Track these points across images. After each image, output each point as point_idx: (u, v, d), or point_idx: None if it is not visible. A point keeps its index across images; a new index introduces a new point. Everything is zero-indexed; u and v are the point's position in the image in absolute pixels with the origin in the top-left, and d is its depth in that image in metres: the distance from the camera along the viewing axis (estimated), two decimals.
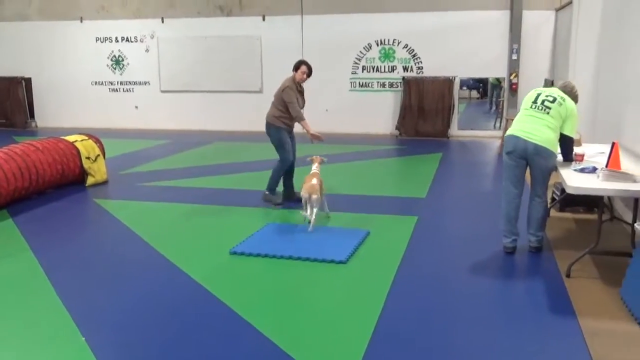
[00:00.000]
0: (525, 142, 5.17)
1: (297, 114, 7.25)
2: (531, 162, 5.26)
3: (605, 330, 3.96)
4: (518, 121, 5.36)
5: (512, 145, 5.27)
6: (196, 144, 12.83)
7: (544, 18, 12.91)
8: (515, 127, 5.31)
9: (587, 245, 5.09)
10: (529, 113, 5.28)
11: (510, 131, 5.35)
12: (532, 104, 5.30)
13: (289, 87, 7.27)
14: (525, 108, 5.34)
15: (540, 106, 5.23)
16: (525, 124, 5.24)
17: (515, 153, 5.26)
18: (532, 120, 5.22)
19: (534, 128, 5.18)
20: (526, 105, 5.36)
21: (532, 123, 5.21)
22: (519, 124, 5.30)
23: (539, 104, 5.25)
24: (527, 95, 5.47)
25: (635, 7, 6.31)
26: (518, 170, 5.33)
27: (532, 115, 5.24)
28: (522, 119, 5.31)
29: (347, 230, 6.20)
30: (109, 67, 15.79)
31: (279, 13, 14.39)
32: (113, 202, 7.78)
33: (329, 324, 4.13)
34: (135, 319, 4.21)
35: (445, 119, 13.72)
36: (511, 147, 5.27)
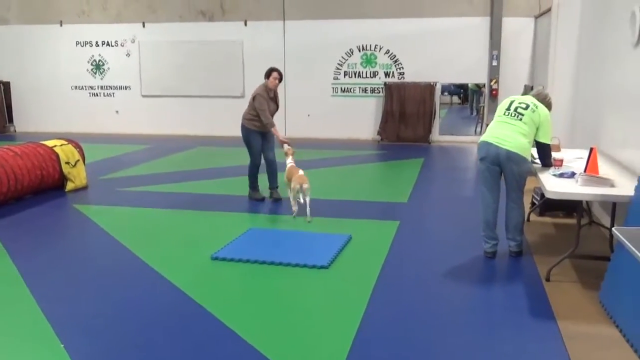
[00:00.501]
0: (497, 148, 5.21)
1: (267, 121, 7.51)
2: (504, 168, 5.30)
3: (584, 333, 4.00)
4: (491, 128, 5.42)
5: (484, 151, 5.32)
6: (177, 149, 12.76)
7: (523, 25, 13.07)
8: (488, 134, 5.37)
9: (566, 249, 5.14)
10: (501, 120, 5.33)
11: (482, 138, 5.41)
12: (505, 110, 5.35)
13: (260, 95, 7.59)
14: (499, 115, 5.40)
15: (514, 113, 5.28)
16: (497, 130, 5.30)
17: (488, 159, 5.32)
18: (504, 126, 5.27)
19: (506, 134, 5.22)
20: (500, 113, 5.41)
21: (505, 129, 5.26)
22: (492, 131, 5.36)
23: (512, 110, 5.31)
24: (502, 103, 5.53)
25: (612, 16, 6.41)
26: (491, 176, 5.39)
27: (504, 122, 5.29)
28: (495, 126, 5.37)
29: (329, 235, 6.20)
30: (89, 72, 15.67)
31: (261, 18, 14.40)
32: (93, 207, 7.70)
33: (311, 329, 4.12)
34: (115, 326, 4.17)
35: (426, 125, 13.80)
36: (484, 153, 5.33)
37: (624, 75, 5.86)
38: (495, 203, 5.46)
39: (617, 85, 6.11)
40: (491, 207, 5.45)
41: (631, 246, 2.88)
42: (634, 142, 5.41)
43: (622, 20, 5.81)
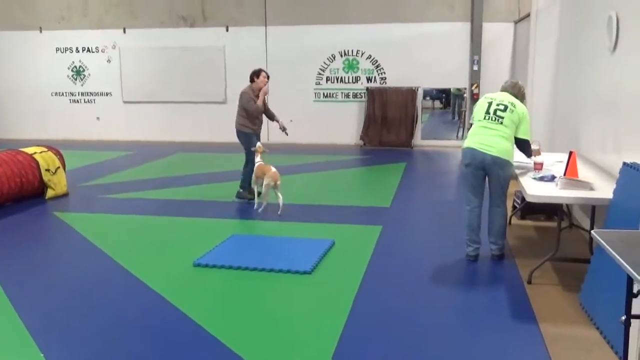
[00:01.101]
0: (483, 154, 5.27)
1: (255, 108, 7.80)
2: (489, 172, 5.36)
3: (565, 335, 4.04)
4: (474, 134, 5.42)
5: (469, 157, 5.36)
6: (159, 155, 12.69)
7: (503, 30, 13.19)
8: (472, 140, 5.39)
9: (547, 252, 5.19)
10: (483, 125, 5.36)
11: (466, 144, 5.43)
12: (485, 114, 5.37)
13: (244, 92, 7.98)
14: (479, 119, 5.41)
15: (494, 116, 5.33)
16: (480, 137, 5.33)
17: (473, 165, 5.36)
18: (486, 132, 5.32)
19: (490, 140, 5.28)
20: (479, 116, 5.42)
21: (487, 135, 5.31)
22: (475, 137, 5.38)
23: (491, 114, 5.34)
24: (479, 104, 5.54)
25: (589, 21, 6.49)
26: (476, 181, 5.43)
27: (486, 127, 5.33)
28: (477, 131, 5.39)
29: (311, 240, 6.20)
30: (70, 78, 15.54)
31: (242, 24, 14.39)
32: (73, 214, 7.63)
33: (294, 334, 4.11)
34: (97, 334, 4.12)
35: (408, 129, 13.86)
36: (469, 159, 5.36)
37: (602, 79, 5.93)
38: (479, 207, 5.51)
39: (595, 90, 6.19)
40: (475, 211, 5.50)
41: (610, 248, 2.91)
42: (611, 145, 5.48)
43: (600, 25, 5.89)
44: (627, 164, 4.28)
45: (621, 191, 4.28)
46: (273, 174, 7.28)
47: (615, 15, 5.40)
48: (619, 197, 4.30)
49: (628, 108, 5.06)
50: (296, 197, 8.56)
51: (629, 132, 4.99)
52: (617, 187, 4.37)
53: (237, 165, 11.33)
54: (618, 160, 4.70)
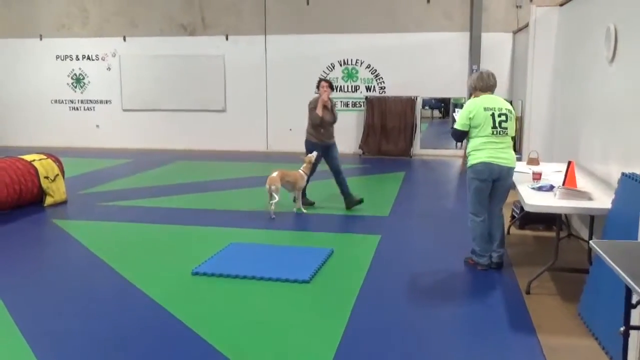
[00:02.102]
0: (500, 167, 5.34)
1: (314, 116, 7.90)
2: (501, 182, 5.42)
3: (564, 346, 4.03)
4: (484, 148, 5.35)
5: (488, 172, 5.35)
6: (158, 163, 12.69)
7: (502, 40, 13.24)
8: (485, 154, 5.34)
9: (546, 262, 5.19)
10: (493, 140, 5.33)
11: (482, 159, 5.34)
12: (492, 129, 5.33)
13: (310, 101, 8.09)
14: (487, 134, 5.34)
15: (500, 130, 5.35)
16: (493, 151, 5.34)
17: (489, 179, 5.38)
18: (497, 145, 5.34)
19: (504, 152, 5.37)
20: (486, 131, 5.34)
21: (499, 148, 5.35)
22: (488, 151, 5.34)
23: (498, 128, 5.33)
24: (481, 115, 5.35)
25: (588, 32, 6.53)
26: (487, 192, 5.48)
27: (496, 141, 5.34)
28: (489, 146, 5.34)
29: (310, 249, 6.19)
30: (70, 86, 15.57)
31: (242, 33, 14.44)
32: (72, 222, 7.62)
33: (292, 343, 4.10)
34: (94, 342, 4.11)
35: (407, 138, 13.88)
36: (487, 174, 5.36)
37: (600, 90, 5.96)
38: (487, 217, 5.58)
39: (593, 100, 6.21)
40: (486, 222, 5.55)
41: (608, 259, 2.91)
42: (610, 155, 5.50)
43: (598, 36, 5.91)
44: (625, 174, 4.29)
45: (620, 201, 4.29)
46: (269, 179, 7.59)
47: (613, 26, 5.43)
48: (617, 208, 4.30)
49: (626, 118, 5.08)
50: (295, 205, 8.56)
51: (628, 143, 5.00)
52: (616, 198, 4.37)
53: (236, 173, 11.37)
54: (617, 171, 4.72)
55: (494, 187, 5.45)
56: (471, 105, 5.43)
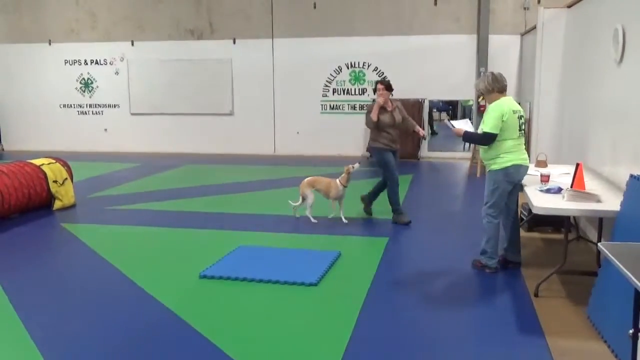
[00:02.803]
0: (525, 167, 5.44)
1: (368, 120, 7.48)
2: (519, 184, 5.51)
3: (573, 349, 4.01)
4: (514, 151, 5.36)
5: (518, 175, 5.40)
6: (166, 166, 12.74)
7: (509, 42, 13.21)
8: (517, 157, 5.36)
9: (555, 264, 5.17)
10: (518, 142, 5.40)
11: (514, 161, 5.34)
12: (519, 132, 5.39)
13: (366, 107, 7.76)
14: (515, 137, 5.36)
15: (522, 132, 5.44)
16: (520, 153, 5.40)
17: (516, 180, 5.43)
18: (521, 147, 5.45)
19: (524, 154, 5.47)
20: (514, 135, 5.34)
21: (523, 149, 5.46)
22: (519, 154, 5.38)
23: (521, 130, 5.41)
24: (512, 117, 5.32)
25: (595, 33, 6.50)
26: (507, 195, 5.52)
27: (519, 143, 5.42)
28: (518, 149, 5.39)
29: (317, 252, 6.19)
30: (78, 90, 15.66)
31: (249, 36, 14.48)
32: (81, 226, 7.66)
33: (300, 346, 4.10)
34: (103, 346, 4.12)
35: (415, 141, 13.85)
36: (518, 176, 5.41)
37: (609, 91, 5.93)
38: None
39: (602, 102, 6.19)
40: (501, 224, 5.58)
41: (617, 261, 2.90)
42: (619, 157, 5.47)
43: (606, 38, 5.89)
44: (634, 176, 4.27)
45: (628, 203, 4.26)
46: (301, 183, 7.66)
47: (621, 27, 5.41)
48: (626, 210, 4.28)
49: (635, 120, 5.05)
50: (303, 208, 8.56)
51: (636, 144, 4.97)
52: (625, 200, 4.35)
53: (243, 177, 11.40)
54: (625, 172, 4.69)
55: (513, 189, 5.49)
56: (502, 107, 5.33)
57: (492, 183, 5.45)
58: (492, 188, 5.46)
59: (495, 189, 5.44)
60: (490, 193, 5.48)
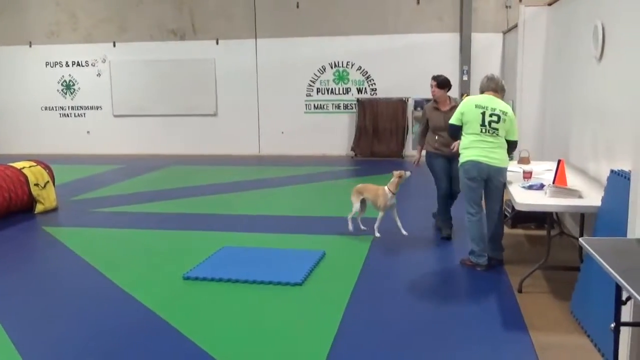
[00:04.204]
0: (488, 166, 5.36)
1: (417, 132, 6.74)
2: (491, 181, 5.45)
3: (556, 344, 4.03)
4: (472, 147, 5.40)
5: (476, 171, 5.38)
6: (150, 168, 12.65)
7: (492, 40, 13.28)
8: (473, 153, 5.38)
9: (538, 260, 5.19)
10: (481, 139, 5.38)
11: (469, 157, 5.39)
12: (480, 127, 5.37)
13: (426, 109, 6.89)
14: (475, 132, 5.39)
15: (489, 129, 5.37)
16: (480, 150, 5.37)
17: (478, 177, 5.40)
18: (485, 144, 5.37)
19: (491, 152, 5.37)
20: (474, 129, 5.39)
21: (487, 147, 5.37)
22: (475, 150, 5.38)
23: (487, 126, 5.36)
24: (471, 112, 5.41)
25: (576, 30, 6.55)
26: (480, 191, 5.50)
27: (484, 140, 5.37)
28: (475, 144, 5.39)
29: (302, 251, 6.18)
30: (60, 92, 15.51)
31: (232, 37, 14.42)
32: (63, 229, 7.58)
33: (284, 347, 4.08)
34: (86, 350, 4.08)
35: (399, 140, 13.91)
36: (475, 172, 5.39)
37: (589, 88, 5.97)
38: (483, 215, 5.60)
39: (582, 99, 6.23)
40: (482, 220, 5.56)
41: (597, 256, 2.92)
42: (600, 153, 5.51)
43: (586, 35, 5.93)
44: (614, 171, 4.30)
45: (609, 199, 4.30)
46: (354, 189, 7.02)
47: (600, 24, 5.45)
48: (607, 205, 4.31)
49: (615, 116, 5.09)
50: (287, 208, 8.56)
51: (616, 140, 5.01)
52: (605, 195, 4.38)
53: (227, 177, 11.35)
54: (606, 168, 4.73)
55: (487, 187, 5.48)
56: (465, 102, 5.55)
57: (460, 181, 5.61)
58: (460, 186, 5.61)
59: (462, 187, 5.57)
60: (462, 191, 5.63)
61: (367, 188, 7.09)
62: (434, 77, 6.66)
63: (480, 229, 5.54)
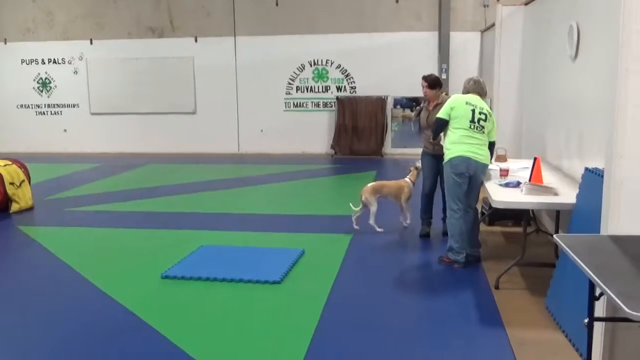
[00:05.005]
0: (476, 162, 5.42)
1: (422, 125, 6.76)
2: (476, 178, 5.51)
3: (532, 339, 4.08)
4: (461, 142, 5.44)
5: (464, 166, 5.41)
6: (128, 167, 12.54)
7: (470, 39, 13.37)
8: (462, 149, 5.42)
9: (515, 257, 5.25)
10: (469, 134, 5.44)
11: (459, 152, 5.42)
12: (470, 123, 5.44)
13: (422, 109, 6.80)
14: (465, 128, 5.44)
15: (478, 126, 5.45)
16: (469, 145, 5.43)
17: (465, 173, 5.44)
18: (474, 140, 5.44)
19: (479, 148, 5.45)
20: (465, 124, 5.44)
21: (476, 144, 5.44)
22: (464, 145, 5.42)
23: (476, 123, 5.44)
24: (460, 109, 5.49)
25: (552, 30, 6.62)
26: (465, 187, 5.53)
27: (472, 136, 5.44)
28: (465, 140, 5.44)
29: (281, 250, 6.17)
30: (36, 90, 15.31)
31: (211, 34, 14.34)
32: (39, 228, 7.49)
33: (263, 345, 4.08)
34: (63, 352, 4.03)
35: (379, 138, 13.95)
36: (464, 168, 5.42)
37: (564, 87, 6.05)
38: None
39: (558, 97, 6.30)
40: (463, 217, 5.58)
41: (571, 253, 2.95)
42: (574, 151, 5.58)
43: (561, 34, 6.00)
44: (589, 169, 4.36)
45: (583, 196, 4.36)
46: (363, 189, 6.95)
47: (575, 24, 5.52)
48: (581, 202, 4.37)
49: (589, 114, 5.16)
50: (266, 206, 8.55)
51: (591, 138, 5.08)
52: (580, 192, 4.44)
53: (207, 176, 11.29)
54: (581, 166, 4.79)
55: (469, 184, 5.52)
56: (454, 98, 5.64)
57: (444, 177, 5.64)
58: (445, 182, 5.63)
59: (446, 182, 5.60)
60: (445, 187, 5.67)
61: (386, 185, 7.12)
62: (424, 78, 6.62)
63: (461, 226, 5.58)
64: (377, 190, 6.98)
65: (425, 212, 6.78)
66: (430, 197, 6.71)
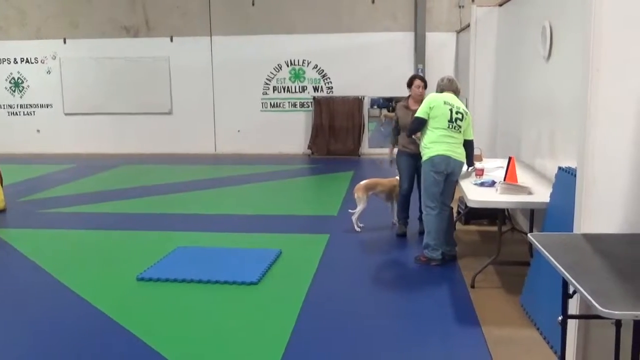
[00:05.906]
0: (455, 161, 5.50)
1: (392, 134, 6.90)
2: (453, 176, 5.57)
3: (507, 337, 4.12)
4: (440, 142, 5.49)
5: (444, 165, 5.47)
6: (103, 168, 12.39)
7: (446, 40, 13.46)
8: (441, 148, 5.48)
9: (490, 255, 5.30)
10: (448, 134, 5.50)
11: (439, 152, 5.47)
12: (448, 122, 5.49)
13: (400, 104, 6.78)
14: (444, 127, 5.49)
15: (455, 125, 5.51)
16: (448, 145, 5.50)
17: (445, 171, 5.50)
18: (452, 140, 5.52)
19: (456, 147, 5.54)
20: (443, 124, 5.49)
21: (453, 143, 5.52)
22: (443, 145, 5.48)
23: (454, 123, 5.50)
24: (440, 107, 5.51)
25: (525, 30, 6.70)
26: (442, 185, 5.59)
27: (450, 135, 5.51)
28: (443, 139, 5.49)
29: (258, 250, 6.15)
30: (8, 90, 15.05)
31: (187, 34, 14.24)
32: (11, 230, 7.37)
33: (239, 346, 4.06)
34: (34, 353, 3.97)
35: (356, 138, 13.97)
36: (444, 167, 5.47)
37: (538, 87, 6.12)
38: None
39: (532, 97, 6.38)
40: (439, 215, 5.62)
41: (545, 251, 2.98)
42: (548, 150, 5.65)
43: (535, 34, 6.07)
44: (562, 168, 4.41)
45: (557, 195, 4.41)
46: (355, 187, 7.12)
47: (548, 24, 5.59)
48: (555, 201, 4.42)
49: (562, 114, 5.23)
50: (243, 207, 8.51)
51: (564, 137, 5.15)
52: (554, 191, 4.49)
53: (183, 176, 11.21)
54: (554, 165, 4.85)
55: (446, 181, 5.56)
56: (432, 97, 5.65)
57: (422, 175, 5.66)
58: (423, 180, 5.65)
59: (424, 180, 5.63)
60: (423, 185, 5.69)
61: (379, 182, 7.13)
62: (419, 78, 6.68)
63: (437, 224, 5.62)
64: (371, 188, 7.01)
65: (402, 211, 6.80)
66: (407, 197, 6.73)
